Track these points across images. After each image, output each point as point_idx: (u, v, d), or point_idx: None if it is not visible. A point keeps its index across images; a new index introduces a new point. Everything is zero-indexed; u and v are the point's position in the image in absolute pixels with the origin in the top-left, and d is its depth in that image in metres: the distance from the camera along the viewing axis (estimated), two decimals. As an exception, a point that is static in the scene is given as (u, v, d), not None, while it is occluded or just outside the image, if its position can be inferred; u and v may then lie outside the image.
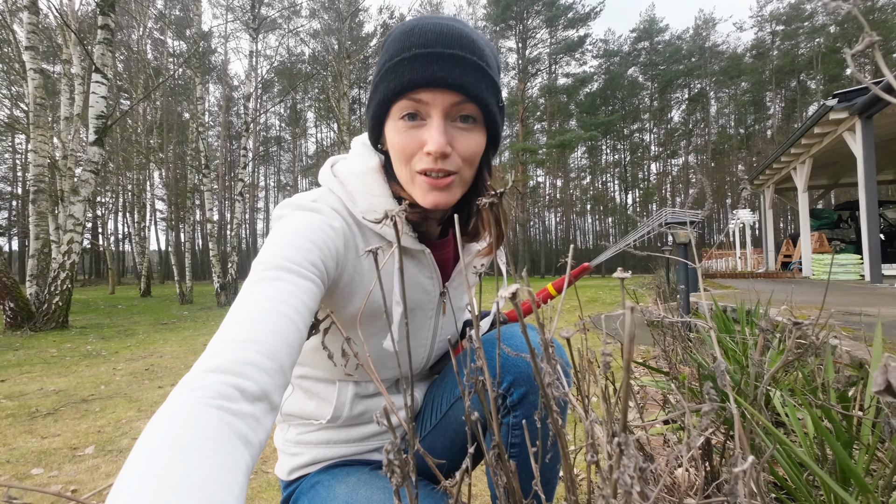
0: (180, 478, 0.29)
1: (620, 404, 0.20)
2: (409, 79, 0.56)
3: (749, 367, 1.11)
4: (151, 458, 0.30)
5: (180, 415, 0.34)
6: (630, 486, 0.17)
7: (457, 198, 0.63)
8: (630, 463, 0.17)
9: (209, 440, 0.32)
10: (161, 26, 18.59)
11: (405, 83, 0.57)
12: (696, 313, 3.56)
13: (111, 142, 16.60)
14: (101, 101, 6.48)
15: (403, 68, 0.57)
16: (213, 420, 0.34)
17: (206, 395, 0.36)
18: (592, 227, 44.50)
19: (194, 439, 0.32)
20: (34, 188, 7.23)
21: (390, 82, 0.58)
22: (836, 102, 6.12)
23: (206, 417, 0.34)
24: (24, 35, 6.97)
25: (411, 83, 0.56)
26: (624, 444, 0.17)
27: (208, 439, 0.32)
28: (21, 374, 3.39)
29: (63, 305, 6.24)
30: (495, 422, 0.33)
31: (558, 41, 32.31)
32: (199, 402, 0.35)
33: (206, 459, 0.31)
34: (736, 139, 35.96)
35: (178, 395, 0.36)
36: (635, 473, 0.17)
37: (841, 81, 27.95)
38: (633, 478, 0.17)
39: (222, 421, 0.34)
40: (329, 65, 17.82)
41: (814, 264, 7.99)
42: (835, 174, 10.39)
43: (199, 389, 0.36)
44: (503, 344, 0.62)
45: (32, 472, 1.66)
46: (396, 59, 0.57)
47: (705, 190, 0.67)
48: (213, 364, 0.39)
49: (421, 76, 0.56)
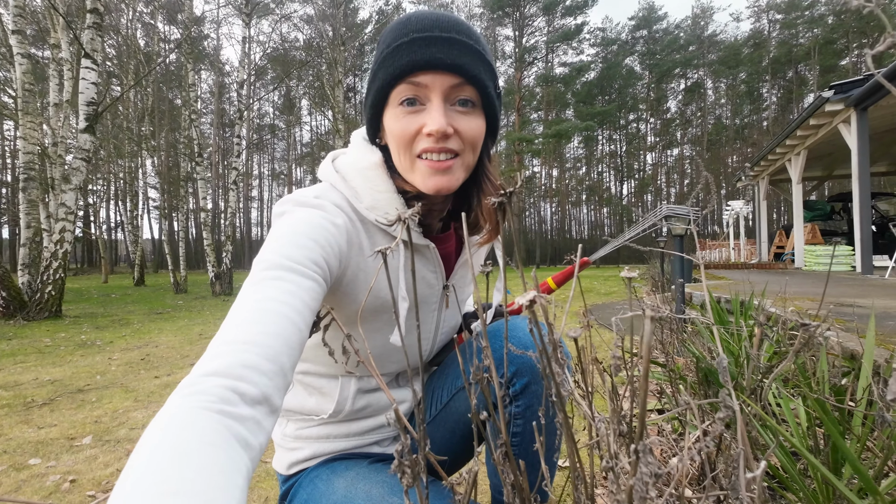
0: (180, 482, 0.28)
1: (639, 412, 0.20)
2: (407, 61, 0.57)
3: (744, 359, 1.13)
4: (150, 463, 0.30)
5: (179, 419, 0.33)
6: (646, 491, 0.17)
7: (459, 182, 0.62)
8: (647, 470, 0.17)
9: (208, 444, 0.32)
10: (152, 10, 18.20)
11: (404, 66, 0.57)
12: (692, 304, 3.60)
13: (102, 129, 16.33)
14: (92, 88, 6.36)
15: (401, 52, 0.57)
16: (212, 424, 0.34)
17: (205, 399, 0.35)
18: (588, 218, 44.60)
19: (193, 443, 0.31)
20: (24, 176, 7.12)
21: (388, 67, 0.58)
22: (832, 94, 6.13)
23: (205, 421, 0.34)
24: (11, 18, 6.80)
25: (410, 65, 0.57)
26: (643, 451, 0.17)
27: (207, 443, 0.32)
28: (15, 364, 3.37)
29: (56, 295, 6.19)
30: (502, 421, 0.33)
31: (555, 29, 31.97)
32: (198, 406, 0.35)
33: (205, 463, 0.30)
34: (732, 130, 35.98)
35: (176, 399, 0.36)
36: (651, 479, 0.17)
37: (837, 72, 27.94)
38: (647, 484, 0.17)
39: (221, 425, 0.34)
40: (323, 52, 17.56)
41: (806, 255, 8.07)
42: (829, 166, 10.44)
43: (197, 394, 0.36)
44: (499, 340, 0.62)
45: (30, 463, 1.65)
46: (394, 45, 0.58)
47: (710, 186, 0.67)
48: (212, 367, 0.38)
49: (420, 58, 0.56)
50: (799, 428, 1.04)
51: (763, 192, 11.50)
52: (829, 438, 0.88)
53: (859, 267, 6.01)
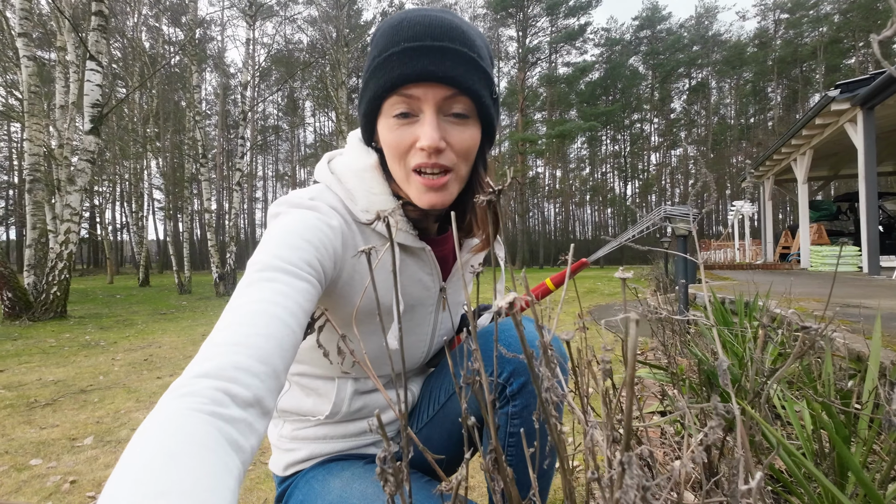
0: (170, 484, 0.28)
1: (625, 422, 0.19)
2: (398, 74, 0.55)
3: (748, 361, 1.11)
4: (141, 465, 0.29)
5: (170, 421, 0.33)
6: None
7: (453, 196, 0.62)
8: (633, 483, 0.16)
9: (199, 446, 0.32)
10: (156, 13, 18.33)
11: (395, 79, 0.55)
12: (695, 305, 3.57)
13: (107, 130, 16.45)
14: (97, 90, 6.40)
15: (392, 63, 0.55)
16: (203, 426, 0.33)
17: (196, 401, 0.35)
18: (591, 219, 44.52)
19: (184, 445, 0.31)
20: (30, 177, 7.18)
21: (380, 79, 0.57)
22: (838, 93, 6.08)
23: (195, 423, 0.33)
24: (17, 21, 6.86)
25: (401, 78, 0.55)
26: (627, 463, 0.16)
27: (198, 445, 0.32)
28: (20, 365, 3.39)
29: (61, 295, 6.23)
30: (492, 426, 0.32)
31: (559, 29, 31.94)
32: (189, 407, 0.34)
33: (195, 465, 0.30)
34: (736, 130, 35.80)
35: (167, 401, 0.35)
36: (639, 493, 0.16)
37: (843, 72, 27.74)
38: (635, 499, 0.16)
39: (213, 427, 0.34)
40: (327, 53, 17.62)
41: (812, 256, 8.00)
42: (835, 165, 10.37)
43: (189, 395, 0.35)
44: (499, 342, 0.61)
45: (31, 463, 1.66)
46: (385, 54, 0.56)
47: (709, 184, 0.66)
48: (203, 369, 0.38)
49: (411, 71, 0.55)
50: (804, 431, 1.02)
51: (768, 192, 11.43)
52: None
53: (866, 267, 5.96)
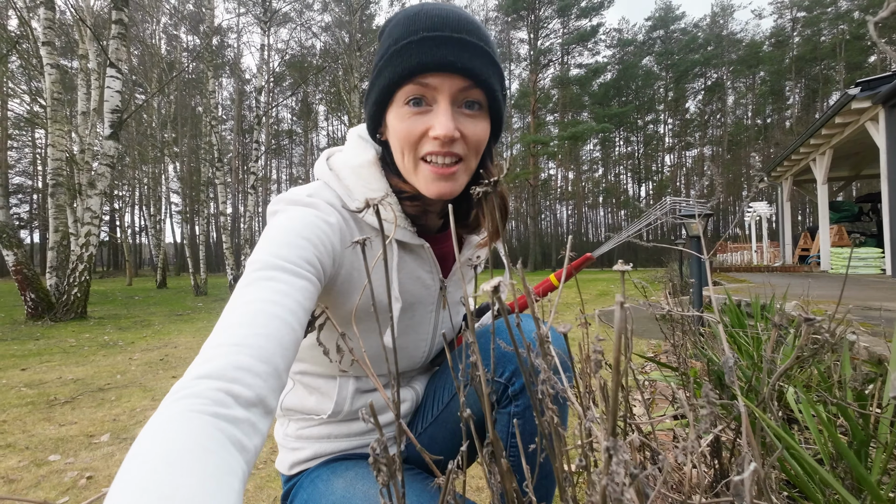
0: (174, 487, 0.28)
1: (610, 406, 0.18)
2: (417, 62, 0.55)
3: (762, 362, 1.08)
4: (144, 467, 0.29)
5: (172, 423, 0.33)
6: (620, 493, 0.16)
7: (462, 187, 0.61)
8: (620, 469, 0.16)
9: (202, 447, 0.31)
10: (175, 21, 18.74)
11: (413, 66, 0.55)
12: (709, 307, 3.51)
13: (126, 135, 16.84)
14: (116, 96, 6.56)
15: (411, 51, 0.55)
16: (206, 427, 0.33)
17: (198, 403, 0.35)
18: (604, 220, 44.08)
19: (187, 447, 0.31)
20: (53, 182, 7.39)
21: (397, 66, 0.56)
22: (858, 91, 5.92)
23: (198, 425, 0.33)
24: (41, 31, 7.08)
25: (420, 66, 0.55)
26: (613, 449, 0.16)
27: (201, 446, 0.31)
28: (41, 363, 3.48)
29: (81, 296, 6.39)
30: (489, 418, 0.32)
31: (571, 31, 31.77)
32: (192, 409, 0.34)
33: (199, 467, 0.30)
34: (753, 130, 35.15)
35: (169, 403, 0.35)
36: (626, 480, 0.16)
37: (864, 69, 27.03)
38: (622, 485, 0.16)
39: (216, 427, 0.34)
40: (339, 58, 17.81)
41: (832, 258, 7.80)
42: (856, 165, 10.09)
43: (191, 397, 0.35)
44: (498, 337, 0.61)
45: (50, 459, 1.70)
46: (403, 42, 0.56)
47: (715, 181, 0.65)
48: (204, 370, 0.38)
49: (430, 59, 0.55)
50: (821, 435, 0.99)
51: (787, 193, 11.18)
52: (853, 445, 0.84)
53: (889, 270, 5.79)
